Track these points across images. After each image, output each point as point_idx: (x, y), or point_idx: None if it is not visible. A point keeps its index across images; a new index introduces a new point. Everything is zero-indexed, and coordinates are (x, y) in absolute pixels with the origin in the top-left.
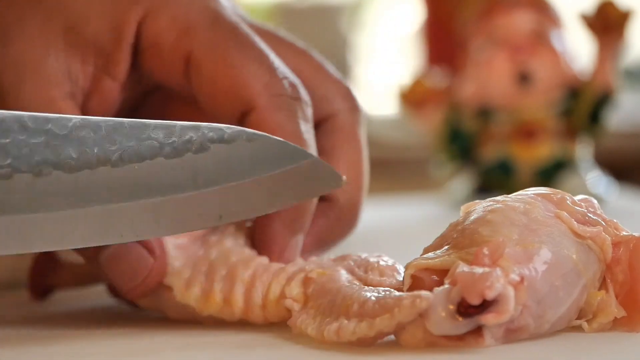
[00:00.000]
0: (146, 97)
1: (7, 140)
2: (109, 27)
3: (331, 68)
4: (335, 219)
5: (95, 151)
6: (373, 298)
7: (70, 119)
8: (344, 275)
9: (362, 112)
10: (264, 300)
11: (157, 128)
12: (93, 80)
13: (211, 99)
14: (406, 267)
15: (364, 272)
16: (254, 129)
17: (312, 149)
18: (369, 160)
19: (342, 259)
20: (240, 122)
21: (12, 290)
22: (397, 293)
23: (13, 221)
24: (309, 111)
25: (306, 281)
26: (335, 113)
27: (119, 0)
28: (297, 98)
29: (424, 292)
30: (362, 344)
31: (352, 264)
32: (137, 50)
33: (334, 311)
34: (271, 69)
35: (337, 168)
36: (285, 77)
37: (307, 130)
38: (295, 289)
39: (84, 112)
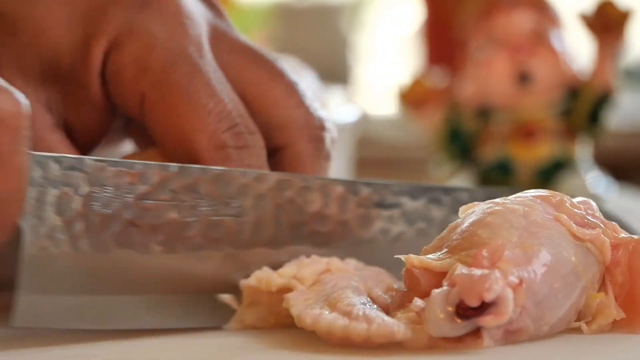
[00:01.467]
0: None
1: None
2: (81, 58)
3: (303, 93)
4: None
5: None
6: (362, 307)
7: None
8: (354, 279)
9: (325, 142)
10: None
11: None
12: (74, 111)
13: (161, 143)
14: (406, 259)
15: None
16: None
17: None
18: (367, 161)
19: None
20: None
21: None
22: (387, 318)
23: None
24: (261, 152)
25: (325, 272)
26: (290, 142)
27: (88, 33)
28: (243, 146)
29: (403, 326)
30: (330, 339)
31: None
32: (104, 80)
33: (324, 299)
34: (218, 118)
35: None
36: (232, 127)
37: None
38: (308, 270)
39: (71, 142)
